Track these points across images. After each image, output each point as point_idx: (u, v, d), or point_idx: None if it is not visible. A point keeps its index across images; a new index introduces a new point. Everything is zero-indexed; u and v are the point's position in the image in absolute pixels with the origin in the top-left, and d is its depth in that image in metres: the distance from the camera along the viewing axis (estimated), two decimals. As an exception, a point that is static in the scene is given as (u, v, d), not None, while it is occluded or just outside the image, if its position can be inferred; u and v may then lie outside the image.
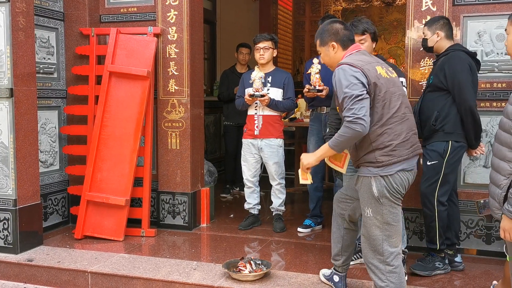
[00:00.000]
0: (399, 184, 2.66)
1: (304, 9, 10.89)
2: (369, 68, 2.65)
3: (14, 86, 3.78)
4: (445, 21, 3.47)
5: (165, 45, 4.47)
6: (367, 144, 2.66)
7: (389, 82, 2.69)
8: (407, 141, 2.67)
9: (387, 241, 2.68)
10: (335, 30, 2.82)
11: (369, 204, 2.69)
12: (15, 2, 3.76)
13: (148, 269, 3.54)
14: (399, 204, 2.72)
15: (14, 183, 3.82)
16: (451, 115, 3.33)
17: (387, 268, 2.68)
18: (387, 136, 2.63)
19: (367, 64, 2.66)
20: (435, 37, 3.44)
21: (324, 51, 2.87)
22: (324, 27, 2.87)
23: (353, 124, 2.55)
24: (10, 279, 3.71)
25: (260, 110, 4.40)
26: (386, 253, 2.68)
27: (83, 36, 4.60)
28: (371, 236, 2.71)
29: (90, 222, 4.28)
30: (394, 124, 2.64)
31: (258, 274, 3.32)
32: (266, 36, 4.47)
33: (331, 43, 2.82)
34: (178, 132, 4.49)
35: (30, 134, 3.94)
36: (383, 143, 2.63)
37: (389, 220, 2.67)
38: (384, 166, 2.63)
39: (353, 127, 2.55)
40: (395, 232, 2.70)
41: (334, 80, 2.69)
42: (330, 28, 2.83)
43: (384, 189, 2.64)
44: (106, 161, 4.30)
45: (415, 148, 2.72)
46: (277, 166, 4.44)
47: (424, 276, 3.36)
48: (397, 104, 2.66)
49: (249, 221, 4.61)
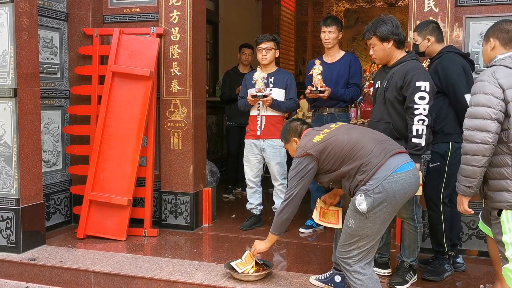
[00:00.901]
0: (391, 193, 2.63)
1: (306, 9, 10.89)
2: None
3: (17, 86, 3.79)
4: (434, 25, 3.48)
5: (167, 45, 4.48)
6: (349, 181, 2.76)
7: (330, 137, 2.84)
8: (373, 153, 2.68)
9: (365, 251, 2.70)
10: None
11: (354, 217, 2.68)
12: (18, 3, 3.78)
13: (150, 269, 3.55)
14: (388, 217, 2.71)
15: (17, 183, 3.84)
16: (450, 116, 3.33)
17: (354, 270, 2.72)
18: (360, 164, 2.69)
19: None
20: (426, 42, 3.46)
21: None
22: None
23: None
24: (13, 278, 3.73)
25: (263, 111, 4.41)
26: (360, 263, 2.71)
27: (86, 37, 4.62)
28: (348, 243, 2.72)
29: (92, 222, 4.29)
30: (357, 152, 2.72)
31: (260, 274, 3.33)
32: (269, 36, 4.48)
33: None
34: (181, 132, 4.50)
35: (33, 134, 3.96)
36: (361, 171, 2.68)
37: (369, 233, 2.67)
38: (366, 182, 2.65)
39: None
40: (373, 243, 2.71)
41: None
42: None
43: (373, 205, 2.62)
44: (109, 161, 4.32)
45: (387, 151, 2.70)
46: (279, 166, 4.45)
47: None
48: (343, 146, 2.76)
49: (251, 221, 4.62)
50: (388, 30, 3.16)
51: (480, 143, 2.52)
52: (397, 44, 3.19)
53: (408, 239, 3.28)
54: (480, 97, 2.54)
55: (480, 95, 2.54)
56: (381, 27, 3.17)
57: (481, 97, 2.53)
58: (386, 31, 3.16)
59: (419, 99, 3.02)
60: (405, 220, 3.27)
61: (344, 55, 4.40)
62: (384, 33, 3.16)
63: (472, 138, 2.54)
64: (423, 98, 3.03)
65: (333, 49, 4.38)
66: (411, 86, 3.03)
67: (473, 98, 2.58)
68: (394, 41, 3.17)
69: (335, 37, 4.33)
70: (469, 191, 2.64)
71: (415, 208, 3.23)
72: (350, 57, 4.42)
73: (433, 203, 3.40)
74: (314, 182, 4.42)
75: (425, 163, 3.25)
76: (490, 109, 2.50)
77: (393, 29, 3.16)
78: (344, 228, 2.75)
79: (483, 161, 2.53)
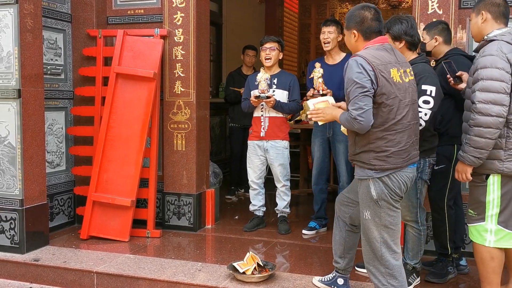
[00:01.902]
0: (397, 187, 2.66)
1: (310, 11, 10.89)
2: (382, 69, 2.58)
3: (21, 87, 3.81)
4: (444, 26, 3.47)
5: (171, 47, 4.49)
6: (365, 143, 2.65)
7: (401, 87, 2.64)
8: (404, 150, 2.65)
9: (385, 245, 2.69)
10: (361, 19, 2.69)
11: (368, 206, 2.70)
12: (23, 4, 3.79)
13: (153, 269, 3.56)
14: (398, 207, 2.72)
15: (21, 183, 3.85)
16: (455, 118, 3.32)
17: (387, 271, 2.69)
18: (386, 141, 2.61)
19: (382, 64, 2.60)
20: (433, 42, 3.44)
21: (347, 35, 2.79)
22: (353, 12, 2.73)
23: (354, 121, 2.57)
24: (16, 279, 3.74)
25: (266, 112, 4.41)
26: (385, 257, 2.69)
27: (90, 38, 4.63)
28: (369, 239, 2.72)
29: (96, 223, 4.30)
30: (396, 131, 2.62)
31: (263, 275, 3.33)
32: (274, 38, 4.52)
33: (353, 30, 2.72)
34: (184, 133, 4.51)
35: (37, 135, 3.97)
36: (380, 147, 2.62)
37: (386, 223, 2.68)
38: (377, 170, 2.64)
39: (354, 123, 2.58)
40: (393, 235, 2.70)
41: (345, 69, 2.65)
42: (358, 14, 2.70)
43: (383, 192, 2.64)
44: (112, 162, 4.32)
45: (410, 157, 2.70)
46: (282, 168, 4.45)
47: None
48: (404, 112, 2.63)
49: (254, 222, 4.62)
50: (402, 29, 3.09)
51: (495, 116, 2.63)
52: (409, 45, 3.15)
53: (412, 242, 3.28)
54: (493, 71, 2.64)
55: (493, 69, 2.64)
56: (395, 25, 3.11)
57: (494, 72, 2.63)
58: (400, 30, 3.10)
59: (423, 102, 3.01)
60: (408, 223, 3.27)
61: (346, 56, 4.39)
62: (398, 32, 3.10)
63: (487, 111, 2.64)
64: (427, 102, 3.01)
65: (334, 51, 4.37)
66: (417, 88, 3.02)
67: (485, 71, 2.66)
68: (406, 41, 3.12)
69: (335, 37, 4.33)
70: (478, 161, 2.75)
71: (419, 211, 3.23)
72: (353, 58, 4.40)
73: (438, 206, 3.40)
74: (317, 183, 4.48)
75: (430, 165, 3.24)
76: (504, 83, 2.63)
77: (407, 29, 3.10)
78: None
79: (497, 133, 2.67)
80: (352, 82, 2.57)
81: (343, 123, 2.72)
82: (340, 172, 4.35)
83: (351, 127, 2.64)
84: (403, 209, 3.13)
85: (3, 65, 3.82)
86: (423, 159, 3.14)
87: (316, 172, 4.49)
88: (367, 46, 2.69)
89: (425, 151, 3.11)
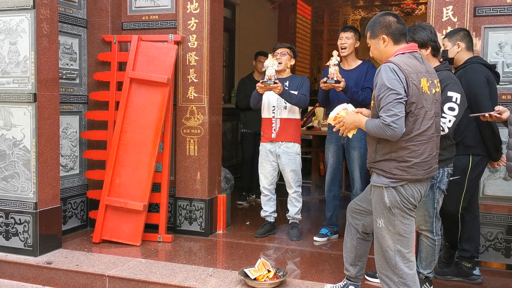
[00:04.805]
0: (410, 196, 2.64)
1: (322, 18, 10.91)
2: (414, 78, 2.57)
3: (37, 91, 3.85)
4: (465, 32, 3.46)
5: (185, 52, 4.52)
6: (387, 151, 2.63)
7: (428, 98, 2.62)
8: (426, 162, 2.63)
9: (399, 254, 2.66)
10: (387, 23, 2.68)
11: (381, 214, 2.68)
12: (39, 9, 3.84)
13: (165, 274, 3.57)
14: (412, 215, 2.70)
15: (35, 187, 3.89)
16: (471, 128, 3.30)
17: (400, 280, 2.66)
18: (409, 152, 2.59)
19: (414, 72, 2.58)
20: (456, 48, 3.42)
21: (374, 44, 2.76)
22: (376, 19, 2.73)
23: (387, 127, 2.51)
24: (29, 281, 3.77)
25: (278, 113, 4.41)
26: (399, 266, 2.66)
27: (105, 43, 4.68)
28: (383, 248, 2.70)
29: (108, 227, 4.33)
30: (419, 142, 2.60)
31: (274, 282, 3.33)
32: (285, 44, 4.55)
33: (381, 36, 2.70)
34: (197, 138, 4.53)
35: (52, 139, 4.01)
36: (402, 157, 2.60)
37: (400, 231, 2.65)
38: (396, 180, 2.62)
39: (387, 130, 2.52)
40: (407, 244, 2.67)
41: (376, 75, 2.62)
42: (382, 20, 2.70)
43: (396, 200, 2.62)
44: (125, 166, 4.35)
45: (431, 171, 2.69)
46: (294, 174, 4.45)
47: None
48: (429, 123, 2.62)
49: (265, 228, 4.62)
50: (427, 36, 3.09)
51: None
52: (433, 51, 3.14)
53: (426, 251, 3.25)
54: None
55: None
56: (419, 33, 3.09)
57: None
58: (426, 37, 3.09)
59: (448, 109, 3.00)
60: (423, 232, 3.23)
61: (362, 63, 4.39)
62: (424, 39, 3.09)
63: None
64: (452, 109, 3.00)
65: (350, 57, 4.37)
66: (442, 95, 2.96)
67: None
68: (432, 48, 3.12)
69: (352, 43, 4.33)
70: None
71: (434, 221, 3.19)
72: (368, 64, 4.40)
73: (451, 216, 3.38)
74: (330, 190, 4.46)
75: (447, 176, 3.21)
76: None
77: (431, 36, 3.10)
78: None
79: None
80: (385, 88, 2.53)
81: (370, 129, 2.65)
82: (354, 178, 4.33)
83: (382, 134, 2.57)
84: (419, 218, 3.11)
85: (20, 69, 3.87)
86: (442, 169, 3.10)
87: (329, 178, 4.48)
88: (397, 52, 2.67)
89: (443, 161, 3.07)
